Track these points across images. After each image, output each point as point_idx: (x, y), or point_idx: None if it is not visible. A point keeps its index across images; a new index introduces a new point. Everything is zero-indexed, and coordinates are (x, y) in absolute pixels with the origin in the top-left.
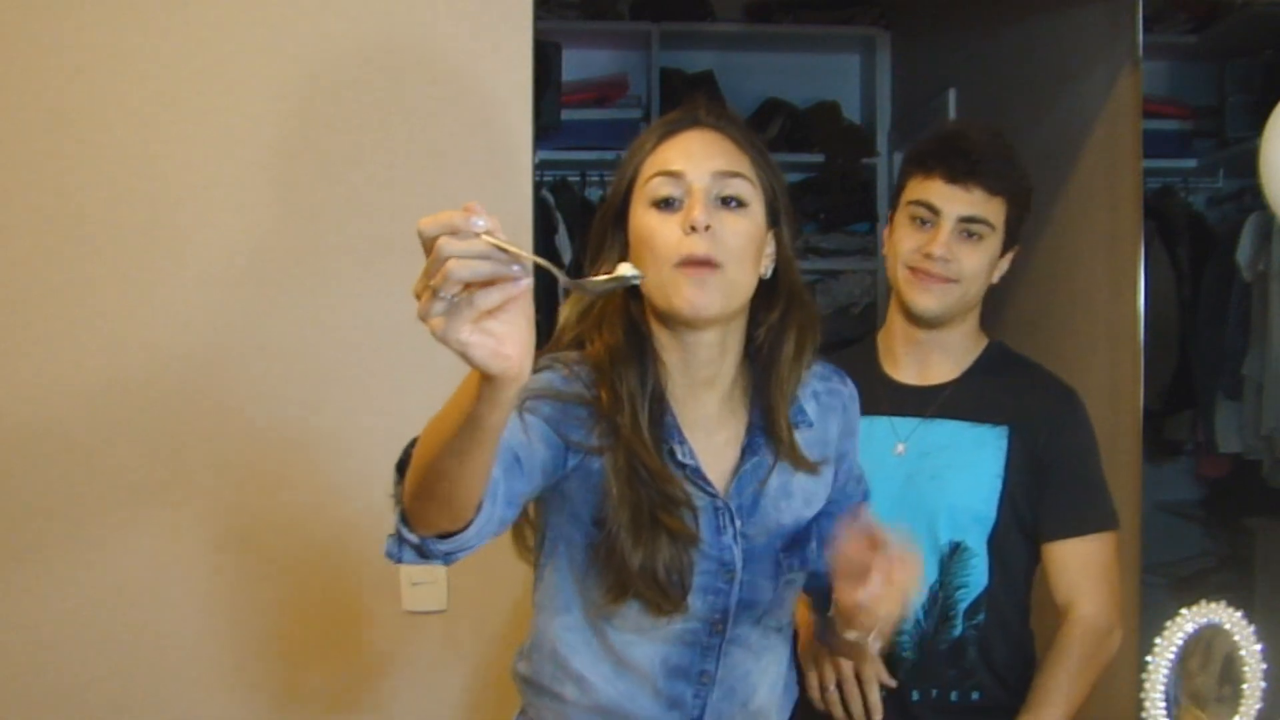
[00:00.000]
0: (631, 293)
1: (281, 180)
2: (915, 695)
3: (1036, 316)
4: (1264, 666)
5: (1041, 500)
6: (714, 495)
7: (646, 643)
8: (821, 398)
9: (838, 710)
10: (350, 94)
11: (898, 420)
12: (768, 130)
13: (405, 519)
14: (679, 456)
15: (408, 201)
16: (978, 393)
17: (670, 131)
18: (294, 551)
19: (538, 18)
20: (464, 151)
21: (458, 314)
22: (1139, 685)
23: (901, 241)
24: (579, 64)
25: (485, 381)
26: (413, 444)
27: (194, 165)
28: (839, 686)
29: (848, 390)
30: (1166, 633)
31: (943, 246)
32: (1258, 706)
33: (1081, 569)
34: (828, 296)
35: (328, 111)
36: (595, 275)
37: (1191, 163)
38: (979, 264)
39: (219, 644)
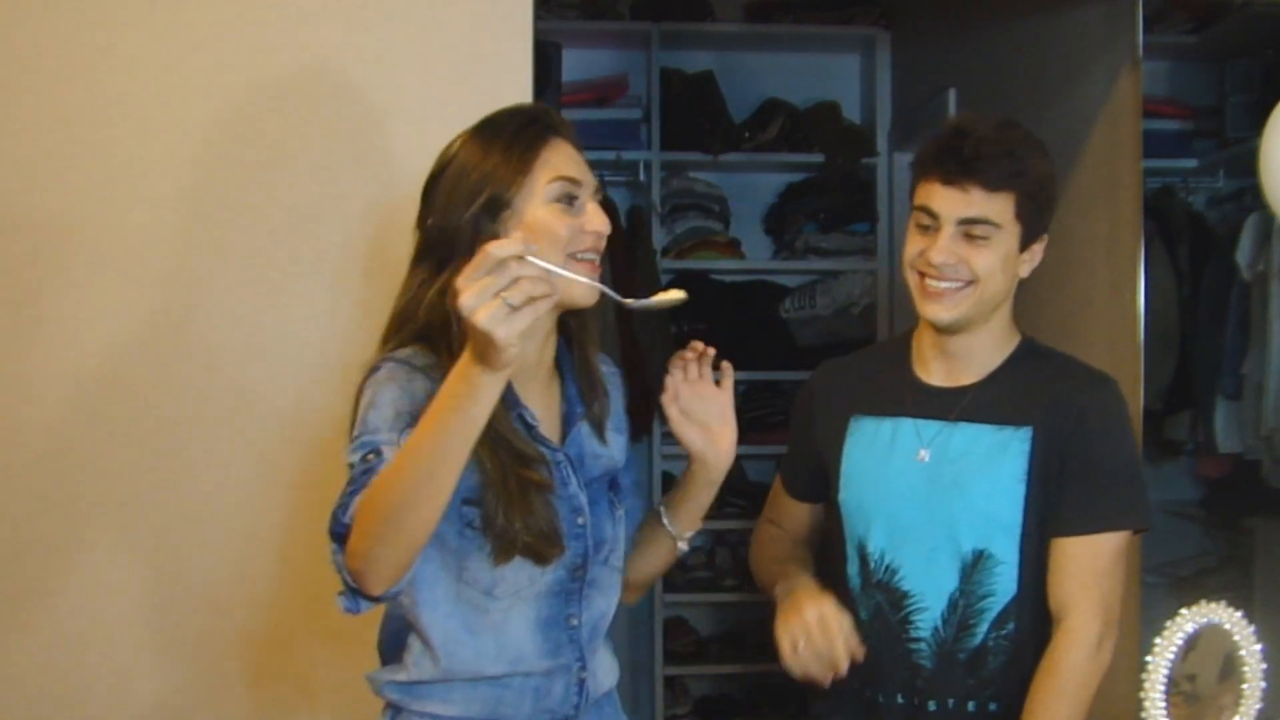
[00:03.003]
0: None
1: (280, 181)
2: (932, 705)
3: (1036, 316)
4: (1264, 666)
5: (1059, 496)
6: (555, 449)
7: (521, 603)
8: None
9: (812, 665)
10: (350, 94)
11: (922, 423)
12: (768, 130)
13: (356, 586)
14: (526, 419)
15: (407, 202)
16: (1001, 394)
17: (544, 136)
18: (294, 551)
19: (538, 18)
20: None
21: (517, 320)
22: (1139, 685)
23: (907, 246)
24: (579, 64)
25: (493, 377)
26: (341, 513)
27: (190, 166)
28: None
29: (611, 370)
30: (1166, 633)
31: (943, 252)
32: (1258, 707)
33: (1075, 573)
34: (828, 296)
35: (327, 112)
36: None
37: (1191, 163)
38: (989, 264)
39: (219, 644)
